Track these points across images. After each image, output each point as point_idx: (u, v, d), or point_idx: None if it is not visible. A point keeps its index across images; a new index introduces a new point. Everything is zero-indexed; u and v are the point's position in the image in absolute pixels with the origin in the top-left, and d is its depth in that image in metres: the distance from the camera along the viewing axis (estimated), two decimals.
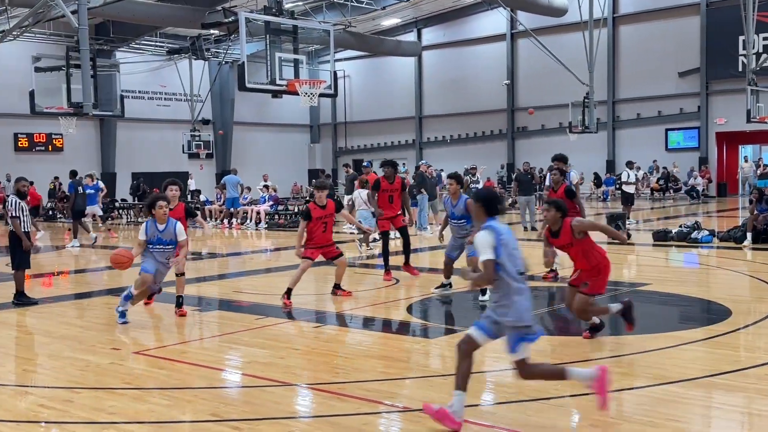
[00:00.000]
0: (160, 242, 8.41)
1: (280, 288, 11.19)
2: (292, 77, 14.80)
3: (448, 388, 5.81)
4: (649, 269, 12.63)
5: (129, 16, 27.50)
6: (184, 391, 5.85)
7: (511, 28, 37.77)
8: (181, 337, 8.00)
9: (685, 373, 6.10)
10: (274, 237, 20.39)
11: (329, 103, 43.44)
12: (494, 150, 39.15)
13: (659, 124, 34.43)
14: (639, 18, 34.59)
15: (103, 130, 36.13)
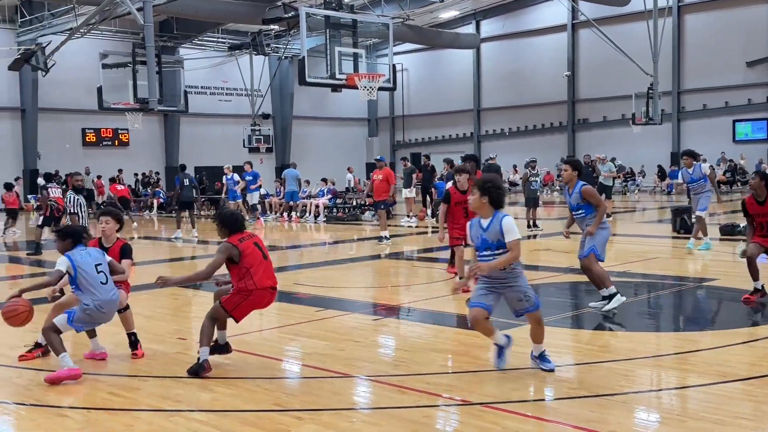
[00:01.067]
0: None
1: (339, 281, 11.32)
2: (352, 71, 14.89)
3: (507, 382, 5.79)
4: (716, 264, 12.30)
5: (192, 12, 28.06)
6: (247, 381, 5.96)
7: (573, 19, 37.16)
8: (243, 328, 8.15)
9: (754, 370, 5.94)
10: (332, 230, 20.56)
11: (387, 97, 43.52)
12: (554, 142, 38.64)
13: (726, 116, 33.43)
14: (705, 6, 33.62)
15: (167, 125, 37.00)
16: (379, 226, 16.49)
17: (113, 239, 6.81)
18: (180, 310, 9.52)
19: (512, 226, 5.59)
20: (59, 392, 5.82)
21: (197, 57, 34.81)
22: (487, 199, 5.67)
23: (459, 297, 9.73)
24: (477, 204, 5.72)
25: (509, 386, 5.72)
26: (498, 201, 5.67)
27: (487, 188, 5.65)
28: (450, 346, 7.20)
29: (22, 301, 6.15)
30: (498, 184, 5.72)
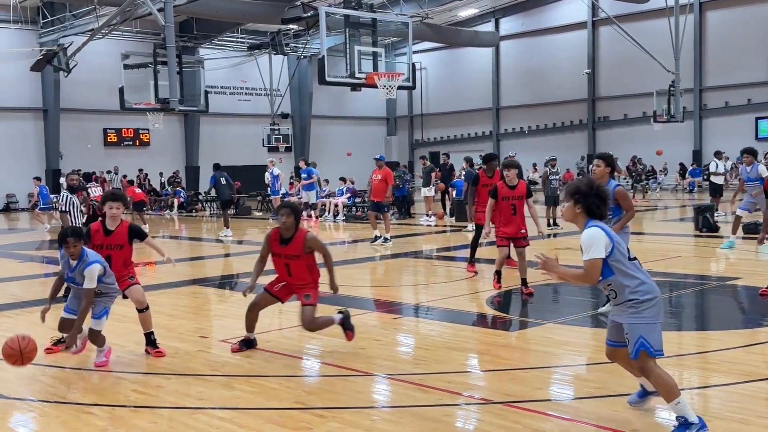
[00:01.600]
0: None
1: (358, 279, 11.34)
2: (371, 70, 14.90)
3: (528, 381, 5.77)
4: (739, 263, 12.18)
5: (212, 13, 28.23)
6: (269, 379, 6.00)
7: (593, 16, 36.91)
8: (264, 326, 8.19)
9: None
10: (351, 229, 20.58)
11: (406, 96, 43.50)
12: (574, 141, 38.42)
13: (749, 113, 33.05)
14: (727, 3, 33.26)
15: (187, 124, 37.24)
16: (382, 227, 16.07)
17: (118, 221, 6.90)
18: (201, 308, 9.59)
19: (590, 242, 4.47)
20: (83, 390, 5.88)
21: (217, 57, 35.00)
22: (581, 209, 4.62)
23: (480, 296, 9.71)
24: (570, 215, 4.75)
25: (531, 385, 5.70)
26: (590, 210, 4.59)
27: (576, 197, 4.62)
28: (470, 345, 7.20)
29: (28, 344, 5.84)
30: (589, 191, 4.59)
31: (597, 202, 4.58)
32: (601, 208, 4.62)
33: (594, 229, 4.50)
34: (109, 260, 6.65)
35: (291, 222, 6.84)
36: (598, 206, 4.59)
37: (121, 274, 6.82)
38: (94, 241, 6.80)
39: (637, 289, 4.48)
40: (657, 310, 4.51)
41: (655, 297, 4.50)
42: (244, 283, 11.43)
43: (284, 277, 6.96)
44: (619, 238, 4.60)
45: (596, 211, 4.59)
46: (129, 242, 6.91)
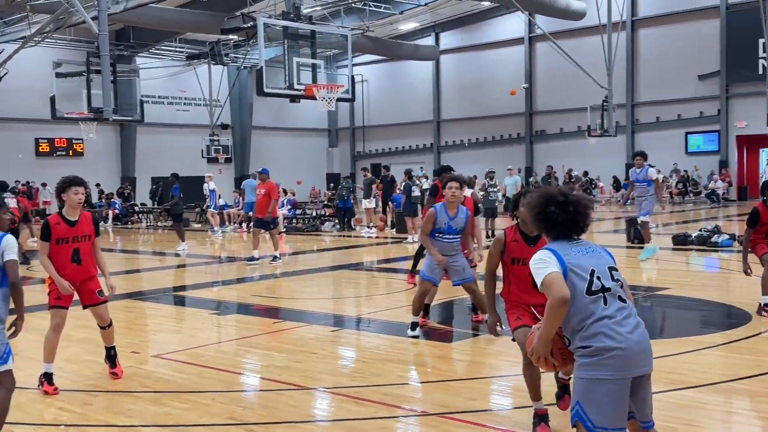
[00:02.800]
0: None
1: (297, 292, 11.25)
2: (310, 82, 14.85)
3: (465, 392, 5.79)
4: (668, 273, 12.53)
5: (149, 22, 27.76)
6: (202, 395, 5.88)
7: (530, 32, 37.66)
8: (200, 340, 8.05)
9: (705, 378, 6.04)
10: (292, 241, 20.44)
11: (347, 108, 43.58)
12: (512, 154, 39.02)
13: (679, 128, 34.17)
14: (658, 21, 34.36)
15: (123, 135, 36.49)
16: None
17: (79, 212, 6.15)
18: (134, 323, 9.36)
19: (536, 264, 3.50)
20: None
21: (155, 66, 34.43)
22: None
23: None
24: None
25: (468, 396, 5.73)
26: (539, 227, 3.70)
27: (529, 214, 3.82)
28: (408, 357, 7.20)
29: None
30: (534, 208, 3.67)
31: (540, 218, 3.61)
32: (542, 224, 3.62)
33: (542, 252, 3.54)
34: (76, 255, 6.02)
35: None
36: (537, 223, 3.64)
37: (90, 274, 6.18)
38: (56, 234, 5.95)
39: (588, 333, 3.36)
40: (618, 365, 3.32)
41: (616, 348, 3.31)
42: (179, 297, 11.22)
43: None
44: (580, 263, 3.45)
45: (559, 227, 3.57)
46: (96, 233, 6.20)
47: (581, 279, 3.39)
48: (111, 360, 6.46)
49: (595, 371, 3.31)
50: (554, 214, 3.53)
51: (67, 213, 6.08)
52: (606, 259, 3.54)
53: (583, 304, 3.37)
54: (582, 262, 3.43)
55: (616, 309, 3.41)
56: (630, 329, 3.38)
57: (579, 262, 3.42)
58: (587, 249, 3.53)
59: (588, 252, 3.51)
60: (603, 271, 3.45)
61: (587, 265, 3.43)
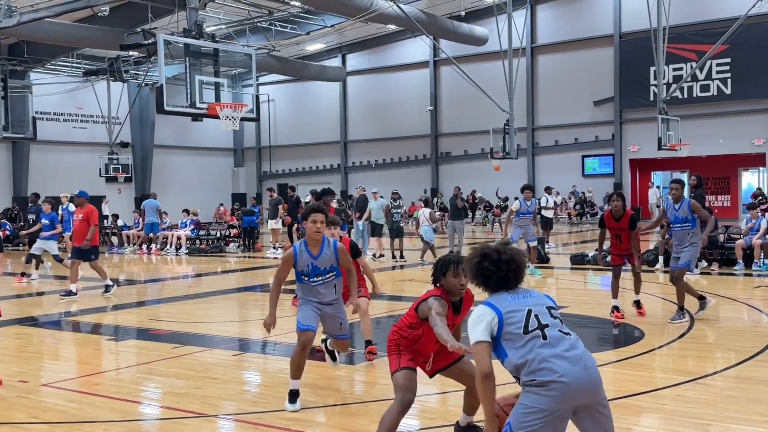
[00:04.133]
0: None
1: (199, 315, 10.96)
2: (213, 100, 14.60)
3: (368, 416, 5.75)
4: (566, 292, 12.91)
5: (44, 36, 26.66)
6: (95, 425, 5.61)
7: (434, 56, 38.40)
8: (95, 368, 7.70)
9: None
10: (195, 262, 19.97)
11: (253, 127, 43.16)
12: (418, 174, 39.56)
13: (576, 151, 35.51)
14: (556, 48, 35.71)
15: (15, 152, 34.85)
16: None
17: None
18: (23, 350, 8.87)
19: (470, 325, 3.67)
20: None
21: (50, 82, 33.15)
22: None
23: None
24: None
25: (371, 419, 5.68)
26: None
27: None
28: (312, 380, 7.09)
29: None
30: (471, 264, 3.83)
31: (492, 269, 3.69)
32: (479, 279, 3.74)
33: (479, 307, 3.68)
34: None
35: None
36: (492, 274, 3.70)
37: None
38: None
39: (531, 369, 3.47)
40: (558, 396, 3.41)
41: (557, 381, 3.40)
42: (73, 322, 10.73)
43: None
44: (515, 307, 3.60)
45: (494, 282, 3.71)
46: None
47: (518, 320, 3.53)
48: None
49: (535, 401, 3.42)
50: (488, 271, 3.69)
51: None
52: (544, 300, 3.69)
53: (523, 342, 3.49)
54: (518, 305, 3.58)
55: (556, 342, 3.51)
56: (572, 362, 3.46)
57: (514, 306, 3.58)
58: (525, 295, 3.68)
59: (525, 296, 3.66)
60: (541, 310, 3.59)
61: (523, 306, 3.58)
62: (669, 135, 26.17)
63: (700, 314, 9.45)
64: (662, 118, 25.66)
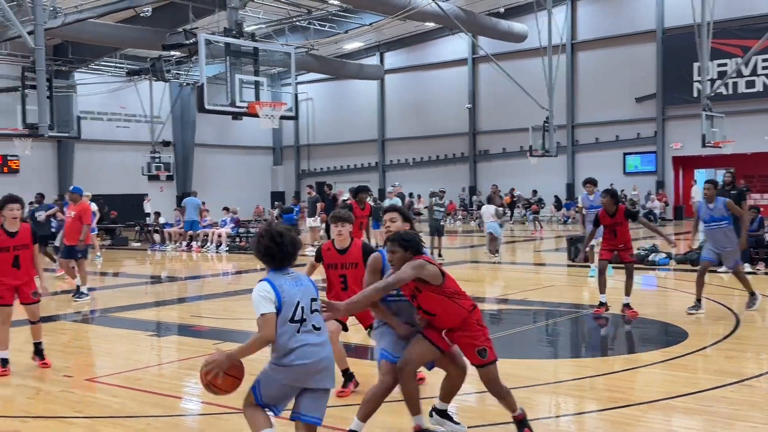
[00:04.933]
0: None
1: (239, 312, 11.06)
2: (253, 99, 14.71)
3: (403, 411, 5.73)
4: (608, 292, 12.71)
5: (88, 37, 27.19)
6: (138, 420, 5.68)
7: (473, 53, 38.19)
8: (138, 363, 7.82)
9: (643, 395, 6.11)
10: (235, 260, 20.16)
11: (292, 126, 43.41)
12: (456, 173, 39.40)
13: (617, 149, 35.00)
14: (597, 44, 35.25)
15: (60, 151, 35.55)
16: None
17: (19, 224, 7.24)
18: (67, 345, 9.04)
19: (259, 297, 4.19)
20: None
21: (94, 82, 33.74)
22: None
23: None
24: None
25: (404, 415, 5.66)
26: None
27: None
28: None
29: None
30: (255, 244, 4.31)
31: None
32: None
33: (263, 283, 4.18)
34: (16, 261, 7.14)
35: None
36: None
37: (28, 277, 7.23)
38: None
39: (286, 350, 4.11)
40: (296, 377, 4.15)
41: (301, 365, 4.10)
42: (116, 318, 10.92)
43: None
44: (290, 297, 4.11)
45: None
46: (33, 242, 7.32)
47: (289, 309, 4.13)
48: (39, 354, 7.42)
49: (278, 374, 4.19)
50: (271, 250, 4.20)
51: (7, 226, 7.18)
52: (310, 291, 4.25)
53: (288, 327, 4.14)
54: (292, 295, 4.15)
55: (308, 334, 4.17)
56: (316, 351, 4.17)
57: (290, 295, 4.15)
58: (296, 281, 4.22)
59: (297, 284, 4.21)
60: (306, 302, 4.19)
61: (295, 297, 4.16)
62: (713, 132, 25.69)
63: (753, 308, 9.71)
64: (706, 115, 25.19)
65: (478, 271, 16.40)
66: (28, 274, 7.26)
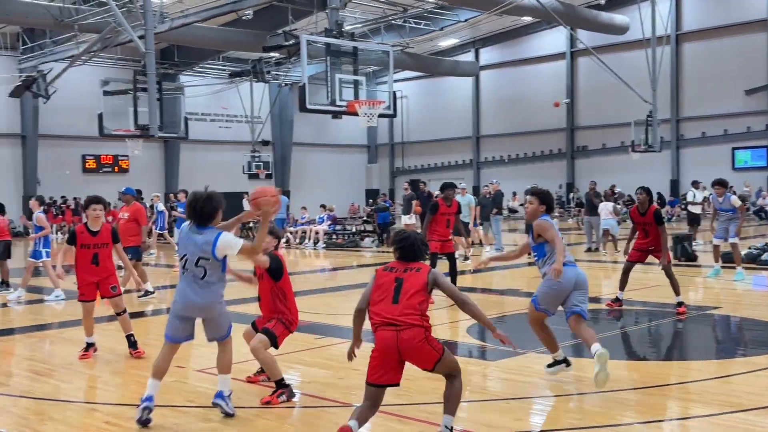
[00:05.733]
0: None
1: (338, 308, 11.25)
2: (352, 98, 14.91)
3: (511, 412, 5.70)
4: (718, 292, 12.23)
5: (193, 40, 28.26)
6: (246, 410, 5.88)
7: (571, 47, 37.41)
8: (245, 355, 8.06)
9: (759, 400, 5.85)
10: (332, 256, 20.49)
11: (387, 124, 43.72)
12: (553, 169, 38.71)
13: (725, 143, 33.53)
14: (703, 35, 33.87)
15: (167, 151, 37.09)
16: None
17: (101, 223, 7.74)
18: None
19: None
20: (54, 421, 5.73)
21: (198, 84, 34.99)
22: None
23: (459, 325, 9.63)
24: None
25: (511, 416, 5.63)
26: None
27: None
28: None
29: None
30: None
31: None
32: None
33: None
34: (95, 259, 7.57)
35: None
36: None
37: (107, 273, 7.69)
38: (80, 241, 7.55)
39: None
40: (178, 309, 5.68)
41: (178, 301, 5.64)
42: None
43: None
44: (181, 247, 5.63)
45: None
46: (114, 242, 7.80)
47: (180, 253, 5.59)
48: (133, 345, 7.80)
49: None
50: (186, 209, 5.69)
51: (90, 225, 7.66)
52: (202, 250, 5.49)
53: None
54: (182, 244, 5.58)
55: (189, 280, 5.53)
56: (193, 293, 5.55)
57: (181, 242, 5.58)
58: (189, 238, 5.52)
59: (189, 239, 5.51)
60: (193, 257, 5.48)
61: (184, 249, 5.53)
62: None
63: None
64: None
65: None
66: (107, 270, 7.71)
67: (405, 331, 4.62)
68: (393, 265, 4.89)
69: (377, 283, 4.82)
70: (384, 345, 4.67)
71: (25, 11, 24.32)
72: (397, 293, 4.70)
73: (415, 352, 4.66)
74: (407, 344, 4.62)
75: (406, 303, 4.66)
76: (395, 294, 4.70)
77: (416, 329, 4.64)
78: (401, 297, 4.67)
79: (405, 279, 4.73)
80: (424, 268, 4.79)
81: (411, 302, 4.66)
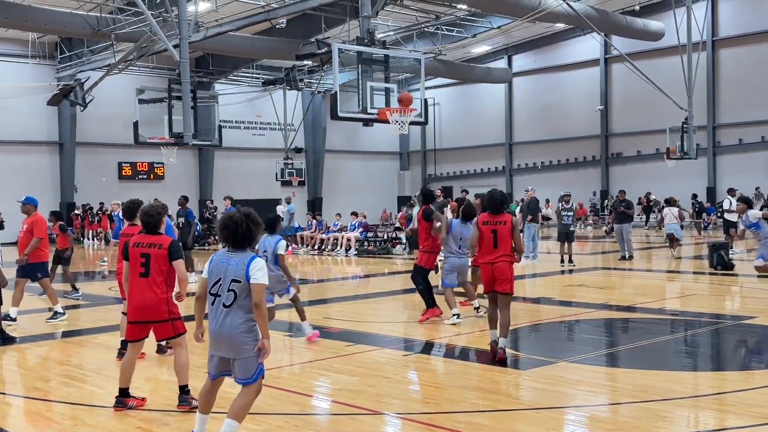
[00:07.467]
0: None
1: (369, 315, 11.26)
2: (383, 106, 14.92)
3: (541, 422, 5.65)
4: (754, 301, 12.00)
5: (228, 49, 28.56)
6: (276, 417, 5.91)
7: (605, 53, 37.07)
8: (276, 362, 8.11)
9: None
10: (363, 263, 20.52)
11: (419, 131, 43.70)
12: (587, 177, 38.35)
13: (763, 150, 32.91)
14: (740, 41, 33.34)
15: (201, 158, 37.50)
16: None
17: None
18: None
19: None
20: (88, 427, 5.81)
21: (232, 92, 35.36)
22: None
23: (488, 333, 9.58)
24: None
25: (544, 426, 5.59)
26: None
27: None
28: (481, 383, 7.07)
29: None
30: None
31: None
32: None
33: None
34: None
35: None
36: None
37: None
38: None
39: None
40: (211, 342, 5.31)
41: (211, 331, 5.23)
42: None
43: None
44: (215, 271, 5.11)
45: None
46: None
47: (211, 281, 5.09)
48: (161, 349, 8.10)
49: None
50: (221, 232, 5.14)
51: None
52: (234, 272, 4.98)
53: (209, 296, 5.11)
54: (214, 270, 5.09)
55: (217, 308, 5.07)
56: (218, 324, 5.07)
57: (214, 269, 5.10)
58: (229, 260, 5.04)
59: (224, 262, 5.05)
60: (226, 281, 5.01)
61: (218, 273, 5.05)
62: None
63: None
64: None
65: (609, 278, 15.90)
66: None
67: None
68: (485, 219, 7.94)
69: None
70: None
71: (63, 21, 24.79)
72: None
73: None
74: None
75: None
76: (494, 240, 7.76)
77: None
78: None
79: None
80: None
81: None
